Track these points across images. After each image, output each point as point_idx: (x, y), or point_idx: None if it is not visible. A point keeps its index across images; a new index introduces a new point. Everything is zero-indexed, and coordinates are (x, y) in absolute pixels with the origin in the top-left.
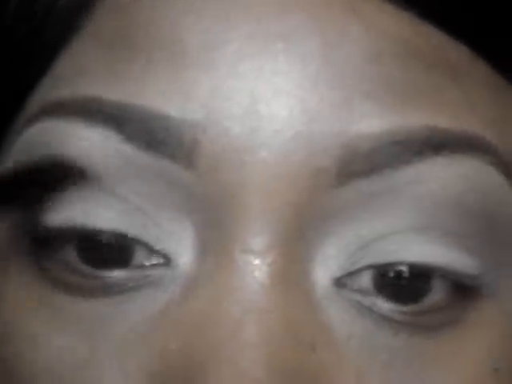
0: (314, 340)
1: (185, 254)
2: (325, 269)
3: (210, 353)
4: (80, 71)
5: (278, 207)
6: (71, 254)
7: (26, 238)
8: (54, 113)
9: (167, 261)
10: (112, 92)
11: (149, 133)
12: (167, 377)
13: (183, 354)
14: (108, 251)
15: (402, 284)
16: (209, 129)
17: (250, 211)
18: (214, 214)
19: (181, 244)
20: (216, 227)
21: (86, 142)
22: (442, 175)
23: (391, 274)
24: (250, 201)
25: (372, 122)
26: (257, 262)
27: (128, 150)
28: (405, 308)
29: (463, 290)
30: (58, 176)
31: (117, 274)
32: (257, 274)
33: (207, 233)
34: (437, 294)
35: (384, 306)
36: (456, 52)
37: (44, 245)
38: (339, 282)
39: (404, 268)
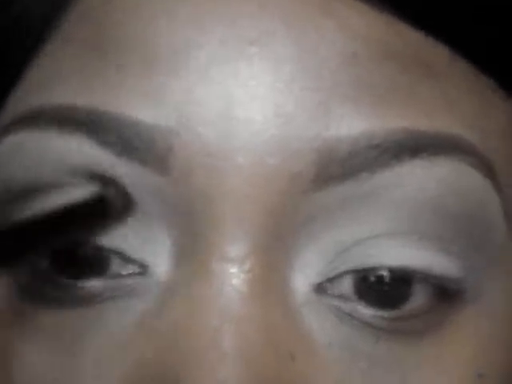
0: (293, 348)
1: (161, 263)
2: (304, 275)
3: (187, 363)
4: (51, 79)
5: (254, 213)
6: (45, 265)
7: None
8: (26, 124)
9: (144, 269)
10: (84, 99)
11: (122, 139)
12: None
13: (160, 365)
14: (84, 261)
15: (383, 289)
16: (182, 134)
17: (225, 218)
18: (190, 220)
19: (157, 252)
20: (192, 235)
21: (59, 151)
22: (421, 178)
23: (372, 279)
24: (226, 207)
25: (349, 124)
26: (234, 270)
27: (102, 156)
28: (386, 314)
29: (445, 294)
30: (31, 188)
31: (93, 284)
32: (234, 282)
33: (183, 240)
34: (418, 298)
35: (365, 311)
36: (434, 51)
37: (17, 256)
38: (319, 288)
39: (384, 273)
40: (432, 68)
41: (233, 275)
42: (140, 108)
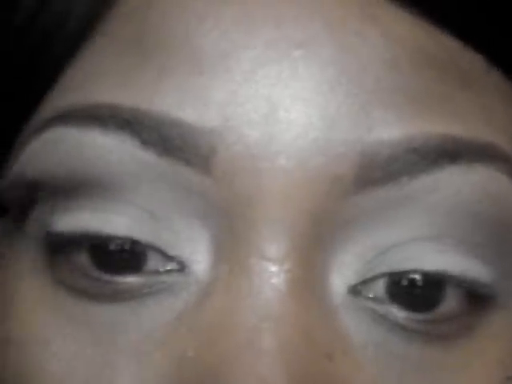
0: (330, 349)
1: (200, 261)
2: (341, 276)
3: (226, 361)
4: (92, 78)
5: (294, 214)
6: (84, 260)
7: (39, 245)
8: (66, 120)
9: (182, 267)
10: (126, 98)
11: (164, 139)
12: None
13: (200, 363)
14: (121, 257)
15: (416, 292)
16: (226, 135)
17: (266, 218)
18: (230, 220)
19: (196, 250)
20: (232, 234)
21: (100, 149)
22: (458, 184)
23: (405, 283)
24: (267, 208)
25: (389, 129)
26: (273, 269)
27: (143, 155)
28: (418, 317)
29: (476, 299)
30: (72, 184)
31: (130, 280)
32: (273, 281)
33: (223, 239)
34: (450, 302)
35: (398, 314)
36: (471, 60)
37: (57, 251)
38: (354, 290)
39: (418, 276)
40: (469, 77)
41: (272, 274)
42: (183, 108)
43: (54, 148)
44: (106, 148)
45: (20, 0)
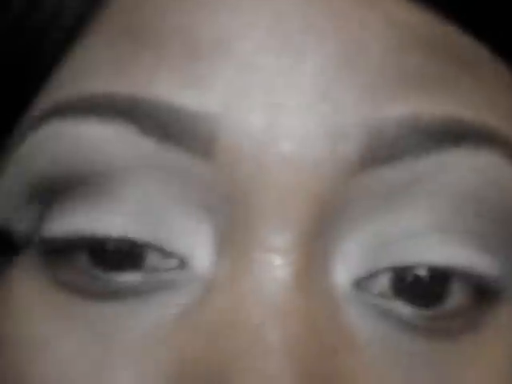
0: (336, 343)
1: (201, 256)
2: (344, 268)
3: (232, 360)
4: (88, 70)
5: (299, 200)
6: (82, 258)
7: (36, 245)
8: (62, 114)
9: (183, 263)
10: (122, 86)
11: (163, 126)
12: (187, 383)
13: (204, 361)
14: (119, 256)
15: (421, 288)
16: (227, 121)
17: (269, 207)
18: (232, 209)
19: (197, 244)
20: (233, 225)
21: (97, 140)
22: (463, 168)
23: (410, 278)
24: (271, 194)
25: (394, 107)
26: (278, 261)
27: (142, 143)
28: (424, 312)
29: (483, 292)
30: (67, 183)
31: (129, 278)
32: (279, 274)
33: (224, 231)
34: (456, 297)
35: (402, 310)
36: (474, 48)
37: (54, 252)
38: (358, 285)
39: (423, 271)
40: (473, 63)
41: (277, 267)
42: (182, 94)
43: (51, 145)
44: (104, 138)
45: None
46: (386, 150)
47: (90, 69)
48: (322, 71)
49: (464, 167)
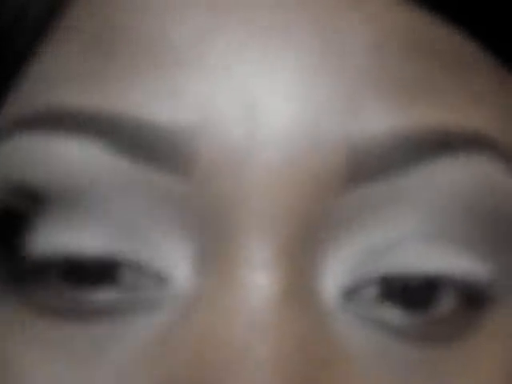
0: (324, 356)
1: (182, 273)
2: (331, 281)
3: (219, 377)
4: (57, 78)
5: (282, 215)
6: (56, 278)
7: (5, 267)
8: (27, 128)
9: (162, 281)
10: (90, 99)
11: (135, 142)
12: None
13: (189, 380)
14: (95, 274)
15: (411, 295)
16: (204, 134)
17: (252, 221)
18: (213, 225)
19: (177, 262)
20: (215, 241)
21: (67, 155)
22: (451, 175)
23: (399, 286)
24: (252, 209)
25: (379, 119)
26: (261, 276)
27: (114, 162)
28: (415, 320)
29: (474, 298)
30: (38, 202)
31: (106, 297)
32: (262, 289)
33: (205, 249)
34: (447, 303)
35: (393, 318)
36: (460, 46)
37: (24, 269)
38: (346, 294)
39: (413, 279)
40: (458, 63)
41: (260, 283)
42: (156, 106)
43: (19, 158)
44: (73, 153)
45: None
46: (371, 164)
47: (59, 78)
48: (301, 76)
49: (453, 174)
